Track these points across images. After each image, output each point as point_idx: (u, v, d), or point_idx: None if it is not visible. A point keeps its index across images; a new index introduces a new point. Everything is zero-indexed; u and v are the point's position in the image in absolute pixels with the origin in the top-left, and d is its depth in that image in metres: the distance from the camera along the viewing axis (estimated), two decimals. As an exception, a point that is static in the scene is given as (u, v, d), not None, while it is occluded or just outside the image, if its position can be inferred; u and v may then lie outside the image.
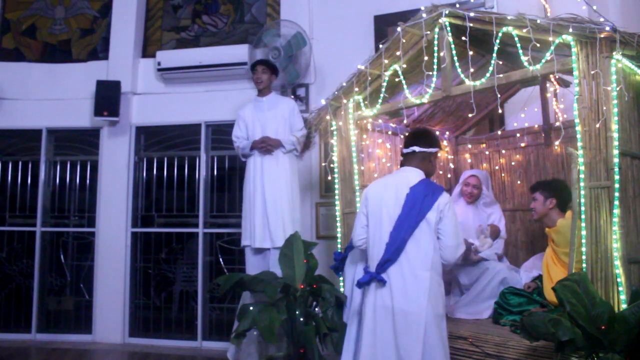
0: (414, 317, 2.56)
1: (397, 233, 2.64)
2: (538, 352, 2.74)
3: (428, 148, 2.82)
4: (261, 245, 4.21)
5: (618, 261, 2.51)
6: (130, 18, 5.62)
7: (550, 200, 3.44)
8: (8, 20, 6.03)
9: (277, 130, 4.35)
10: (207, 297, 5.28)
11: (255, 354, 4.07)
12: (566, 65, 2.76)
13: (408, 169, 2.82)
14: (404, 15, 3.77)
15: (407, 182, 2.73)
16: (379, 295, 2.67)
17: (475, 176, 4.09)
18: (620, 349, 2.24)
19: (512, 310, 3.39)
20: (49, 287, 5.65)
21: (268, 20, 5.52)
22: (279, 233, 4.15)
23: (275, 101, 4.47)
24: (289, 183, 4.30)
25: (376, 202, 2.78)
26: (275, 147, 4.29)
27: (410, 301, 2.58)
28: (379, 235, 2.72)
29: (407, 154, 2.84)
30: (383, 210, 2.73)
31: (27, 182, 5.73)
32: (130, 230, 5.42)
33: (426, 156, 2.83)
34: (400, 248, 2.62)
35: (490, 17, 2.98)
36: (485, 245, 3.87)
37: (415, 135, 2.92)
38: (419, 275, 2.60)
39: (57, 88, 5.62)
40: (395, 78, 3.54)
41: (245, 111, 4.49)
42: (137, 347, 5.11)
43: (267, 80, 4.43)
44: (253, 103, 4.50)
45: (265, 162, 4.29)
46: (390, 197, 2.73)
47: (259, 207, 4.23)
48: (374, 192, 2.84)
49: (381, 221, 2.72)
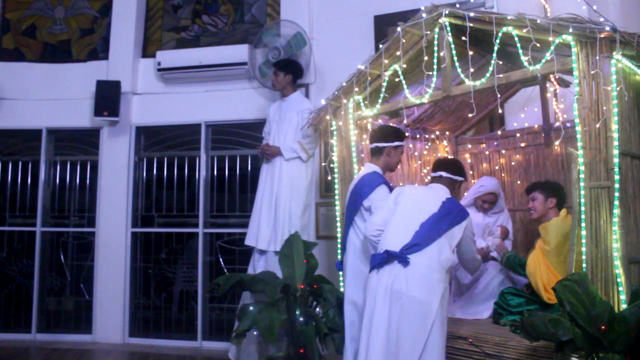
0: (426, 307, 2.60)
1: (430, 227, 2.76)
2: (538, 352, 2.74)
3: (454, 175, 3.11)
4: (265, 248, 4.28)
5: (618, 261, 2.51)
6: (130, 18, 5.62)
7: (551, 200, 3.44)
8: (8, 20, 6.03)
9: (287, 134, 4.39)
10: (207, 297, 5.28)
11: (255, 354, 4.08)
12: (566, 65, 2.76)
13: (439, 186, 3.09)
14: (404, 15, 3.76)
15: (443, 192, 3.01)
16: (393, 278, 2.67)
17: (493, 193, 4.00)
18: (620, 349, 2.23)
19: (512, 310, 3.39)
20: (49, 287, 5.65)
21: (268, 20, 5.51)
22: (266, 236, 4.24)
23: (293, 103, 4.51)
24: (287, 189, 4.31)
25: (412, 196, 2.96)
26: (273, 155, 4.32)
27: (427, 292, 2.63)
28: (408, 221, 2.81)
29: (435, 177, 3.14)
30: (418, 204, 2.90)
31: (27, 182, 5.73)
32: (130, 230, 5.42)
33: (452, 182, 3.11)
34: (430, 240, 2.72)
35: (490, 17, 2.98)
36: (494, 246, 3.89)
37: (443, 163, 3.23)
38: (439, 271, 2.69)
39: (57, 88, 5.62)
40: (395, 78, 3.54)
41: (271, 109, 4.62)
42: (137, 347, 5.11)
43: (282, 81, 4.48)
44: (278, 102, 4.62)
45: (269, 168, 4.39)
46: (427, 197, 2.97)
47: (264, 210, 4.33)
48: (410, 189, 3.07)
49: (414, 211, 2.85)
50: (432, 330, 2.58)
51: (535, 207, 3.50)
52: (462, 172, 3.19)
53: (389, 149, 3.31)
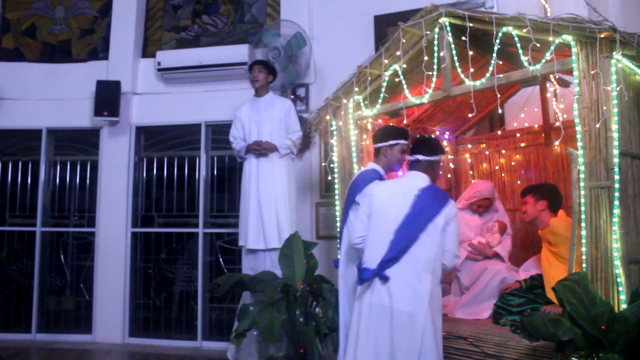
0: (414, 318, 2.54)
1: (405, 232, 2.64)
2: (538, 352, 2.74)
3: (431, 156, 2.88)
4: (254, 247, 4.21)
5: (618, 261, 2.52)
6: (130, 18, 5.63)
7: (541, 202, 3.49)
8: (8, 20, 6.03)
9: (272, 131, 4.33)
10: (207, 297, 5.29)
11: (255, 354, 4.07)
12: (566, 65, 2.76)
13: (415, 173, 2.88)
14: (404, 15, 3.76)
15: (415, 184, 2.79)
16: (375, 294, 2.64)
17: (488, 199, 4.06)
18: (620, 349, 2.23)
19: (512, 310, 3.39)
20: (49, 287, 5.65)
21: (268, 20, 5.52)
22: (273, 234, 4.16)
23: (272, 102, 4.45)
24: (284, 185, 4.29)
25: (382, 200, 2.80)
26: (270, 151, 4.29)
27: (411, 303, 2.56)
28: (382, 233, 2.70)
29: (412, 161, 2.92)
30: (389, 209, 2.74)
31: (27, 182, 5.73)
32: (130, 230, 5.42)
33: (430, 164, 2.88)
34: (406, 247, 2.61)
35: (490, 17, 2.98)
36: (495, 241, 3.91)
37: (418, 144, 2.97)
38: (421, 277, 2.59)
39: (57, 88, 5.62)
40: (395, 78, 3.54)
41: (242, 111, 4.47)
42: (137, 347, 5.11)
43: (263, 80, 4.41)
44: (250, 103, 4.49)
45: (261, 165, 4.29)
46: (397, 197, 2.77)
47: (253, 209, 4.24)
48: (380, 192, 2.86)
49: (386, 219, 2.72)
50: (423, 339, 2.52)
51: (527, 210, 3.56)
52: (439, 149, 2.95)
53: (384, 148, 3.29)
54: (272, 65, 4.63)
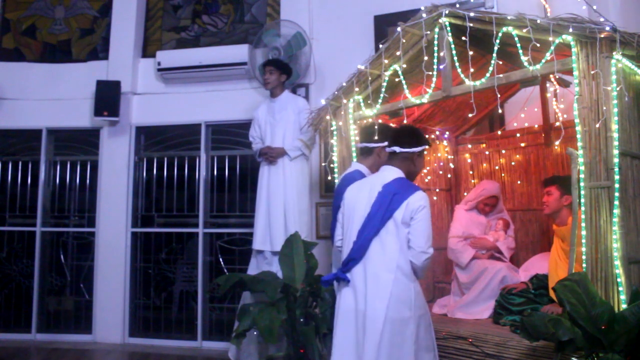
0: (371, 320, 2.45)
1: (362, 232, 2.56)
2: (538, 352, 2.74)
3: (409, 148, 2.69)
4: (260, 247, 4.27)
5: (618, 261, 2.51)
6: (130, 18, 5.63)
7: (566, 197, 3.28)
8: (8, 20, 6.03)
9: (285, 134, 4.35)
10: (207, 297, 5.29)
11: (255, 354, 4.07)
12: (566, 65, 2.76)
13: (387, 167, 2.72)
14: (404, 15, 3.76)
15: (382, 181, 2.63)
16: (343, 296, 2.60)
17: (494, 197, 4.09)
18: (620, 349, 2.23)
19: (512, 310, 3.39)
20: (49, 287, 5.65)
21: (268, 20, 5.52)
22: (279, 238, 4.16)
23: (286, 102, 4.46)
24: (294, 189, 4.31)
25: (350, 201, 2.71)
26: (278, 156, 4.30)
27: (368, 303, 2.47)
28: (350, 234, 2.63)
29: (390, 153, 2.74)
30: (355, 209, 2.65)
31: (27, 182, 5.73)
32: (130, 230, 5.42)
33: (408, 156, 2.70)
34: (363, 247, 2.53)
35: (490, 17, 2.97)
36: (500, 238, 3.95)
37: (397, 135, 2.78)
38: (381, 276, 2.48)
39: (57, 88, 5.62)
40: (395, 78, 3.54)
41: (259, 112, 4.52)
42: (137, 347, 5.11)
43: (275, 81, 4.42)
44: (267, 104, 4.53)
45: (272, 169, 4.36)
46: (364, 196, 2.64)
47: (262, 212, 4.31)
48: (350, 192, 2.75)
49: (353, 220, 2.64)
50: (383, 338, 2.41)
51: (549, 202, 3.36)
52: (419, 141, 2.74)
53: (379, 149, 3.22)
54: (285, 63, 4.60)
